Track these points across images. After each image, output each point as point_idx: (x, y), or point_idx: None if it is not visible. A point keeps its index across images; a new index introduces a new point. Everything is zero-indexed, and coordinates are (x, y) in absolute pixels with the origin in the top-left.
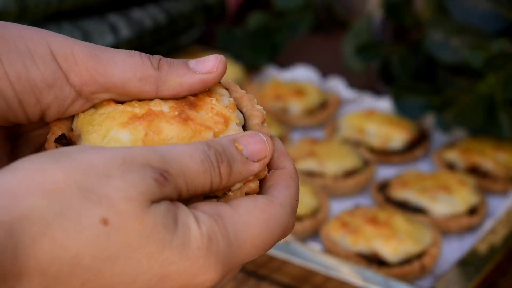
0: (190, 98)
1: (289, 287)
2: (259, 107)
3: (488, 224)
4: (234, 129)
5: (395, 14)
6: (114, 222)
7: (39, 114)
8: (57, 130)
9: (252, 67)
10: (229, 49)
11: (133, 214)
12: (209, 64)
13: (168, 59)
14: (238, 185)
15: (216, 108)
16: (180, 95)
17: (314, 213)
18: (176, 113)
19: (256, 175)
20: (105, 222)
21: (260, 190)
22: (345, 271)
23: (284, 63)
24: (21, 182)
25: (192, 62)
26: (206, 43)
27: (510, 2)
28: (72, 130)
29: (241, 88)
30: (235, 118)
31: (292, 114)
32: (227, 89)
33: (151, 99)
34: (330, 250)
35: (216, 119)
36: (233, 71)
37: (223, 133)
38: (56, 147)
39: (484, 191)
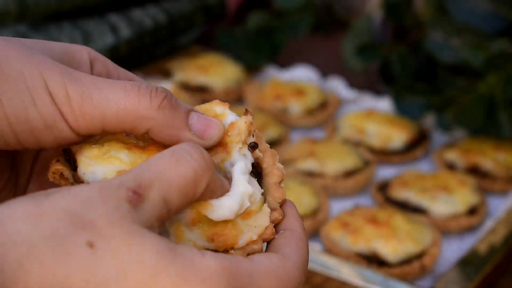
0: None
1: None
2: (280, 165)
3: (488, 224)
4: (235, 148)
5: (395, 14)
6: (101, 246)
7: (38, 147)
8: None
9: (252, 67)
10: (229, 49)
11: (118, 237)
12: (207, 130)
13: (173, 99)
14: (240, 243)
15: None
16: (166, 144)
17: (314, 213)
18: None
19: (260, 236)
20: (90, 245)
21: (270, 248)
22: (345, 271)
23: (284, 63)
24: (9, 210)
25: (194, 117)
26: (206, 43)
27: (510, 2)
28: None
29: (241, 88)
30: (235, 138)
31: (292, 114)
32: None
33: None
34: (330, 250)
35: (216, 150)
36: (233, 71)
37: (227, 160)
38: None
39: (484, 191)
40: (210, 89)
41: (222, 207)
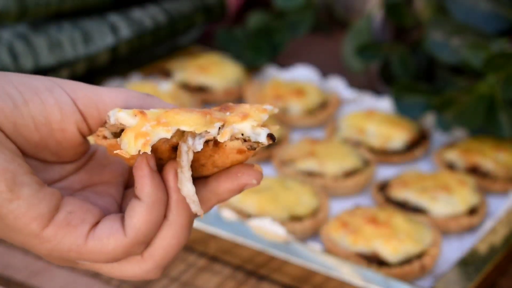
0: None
1: (289, 287)
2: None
3: (488, 224)
4: (251, 124)
5: (395, 14)
6: None
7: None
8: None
9: (252, 67)
10: (229, 49)
11: None
12: None
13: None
14: None
15: (245, 111)
16: None
17: (314, 213)
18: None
19: None
20: None
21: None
22: (345, 271)
23: (284, 63)
24: None
25: None
26: (206, 43)
27: (510, 2)
28: None
29: (241, 88)
30: (258, 118)
31: (292, 114)
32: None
33: None
34: (330, 250)
35: (235, 114)
36: (233, 71)
37: (236, 123)
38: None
39: (484, 191)
40: (210, 89)
41: None
